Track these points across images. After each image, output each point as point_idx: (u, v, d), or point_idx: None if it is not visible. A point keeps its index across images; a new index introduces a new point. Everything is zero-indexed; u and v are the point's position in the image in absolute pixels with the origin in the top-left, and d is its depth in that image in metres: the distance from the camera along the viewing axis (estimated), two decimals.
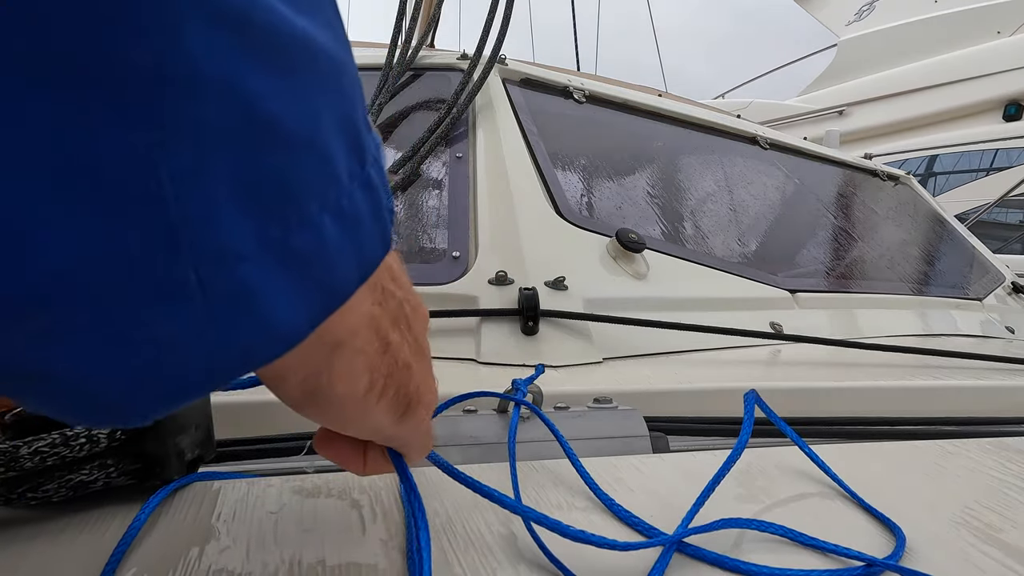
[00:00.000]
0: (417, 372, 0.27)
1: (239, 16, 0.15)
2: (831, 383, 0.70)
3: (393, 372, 0.25)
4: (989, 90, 6.06)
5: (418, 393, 0.27)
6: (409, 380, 0.26)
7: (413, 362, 0.26)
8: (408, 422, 0.27)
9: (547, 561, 0.32)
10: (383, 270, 0.24)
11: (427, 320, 0.29)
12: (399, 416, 0.26)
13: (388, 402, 0.25)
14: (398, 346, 0.25)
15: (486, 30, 1.11)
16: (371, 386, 0.24)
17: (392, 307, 0.25)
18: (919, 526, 0.38)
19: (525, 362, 0.71)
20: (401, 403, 0.26)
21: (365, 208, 0.20)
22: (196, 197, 0.15)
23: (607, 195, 1.09)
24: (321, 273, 0.18)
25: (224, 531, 0.34)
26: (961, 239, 1.63)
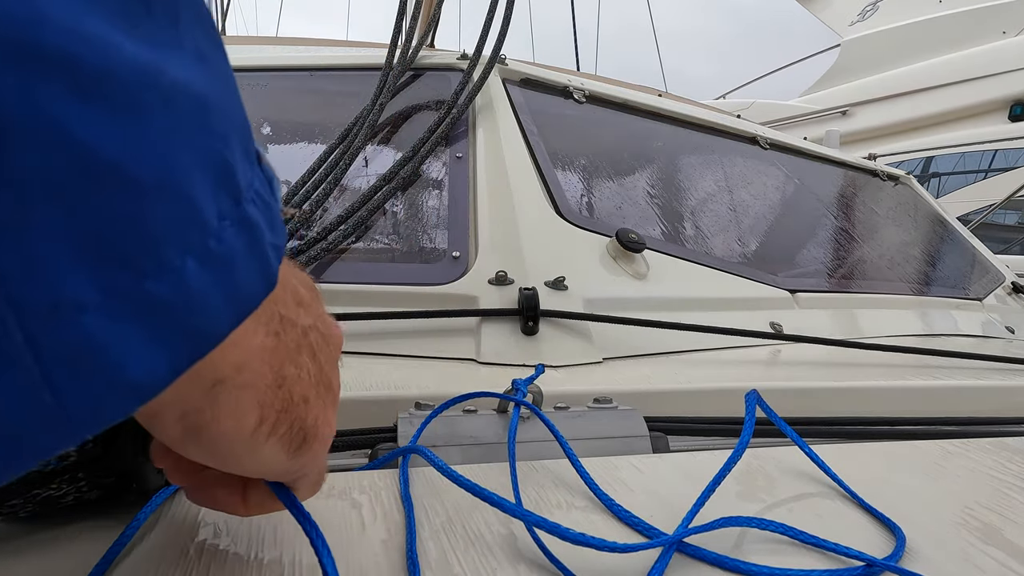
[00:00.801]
0: (315, 405, 0.26)
1: (64, 57, 0.14)
2: (831, 383, 0.70)
3: (288, 407, 0.24)
4: (994, 90, 6.05)
5: (315, 427, 0.26)
6: (306, 414, 0.25)
7: (312, 395, 0.25)
8: (301, 458, 0.26)
9: (547, 561, 0.32)
10: (283, 299, 0.23)
11: (339, 347, 0.28)
12: (292, 452, 0.25)
13: (280, 439, 0.24)
14: (295, 379, 0.24)
15: (485, 30, 1.11)
16: (261, 422, 0.23)
17: (292, 337, 0.24)
18: (919, 526, 0.38)
19: (525, 362, 0.71)
20: (295, 439, 0.25)
21: (240, 247, 0.19)
22: (13, 250, 0.14)
23: (607, 195, 1.09)
24: (184, 318, 0.17)
25: (224, 531, 0.34)
26: (961, 239, 1.63)
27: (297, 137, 1.07)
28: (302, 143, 1.05)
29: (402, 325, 0.75)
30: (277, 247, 0.21)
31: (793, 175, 1.45)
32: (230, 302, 0.19)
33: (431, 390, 0.57)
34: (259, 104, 1.12)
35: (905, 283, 1.30)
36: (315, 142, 1.03)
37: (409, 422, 0.49)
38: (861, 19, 8.10)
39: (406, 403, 0.53)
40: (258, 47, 1.30)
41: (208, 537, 0.34)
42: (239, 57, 1.20)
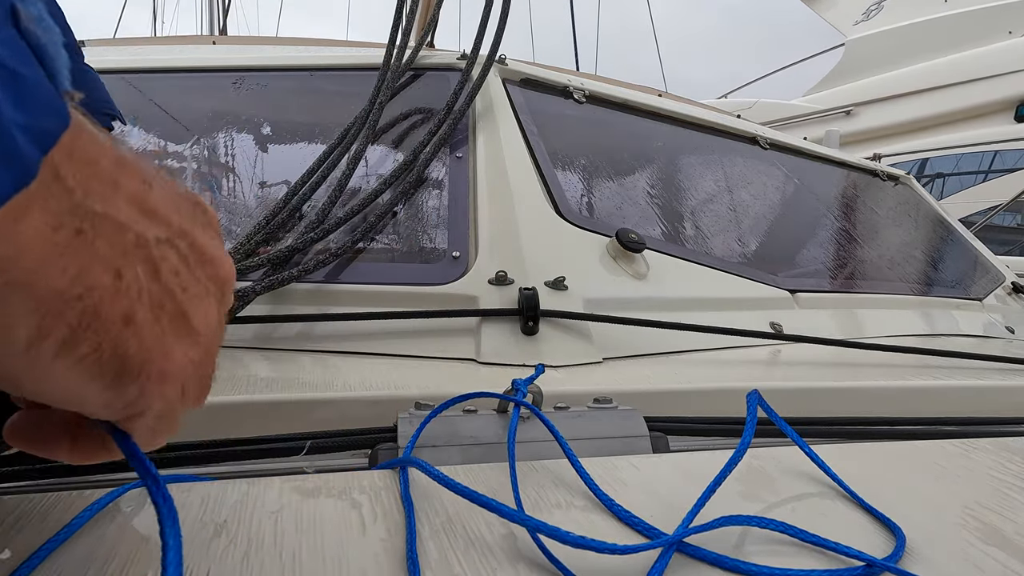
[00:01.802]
0: (147, 332, 0.22)
1: None
2: (831, 383, 0.70)
3: (93, 324, 0.20)
4: (1000, 91, 6.03)
5: (144, 359, 0.22)
6: (127, 339, 0.21)
7: (142, 317, 0.21)
8: (123, 391, 0.22)
9: (547, 561, 0.32)
10: (101, 193, 0.20)
11: (219, 281, 0.25)
12: (106, 382, 0.21)
13: (80, 361, 0.20)
14: (110, 292, 0.20)
15: (482, 29, 1.11)
16: (41, 334, 0.19)
17: (113, 241, 0.20)
18: (919, 526, 0.38)
19: (525, 362, 0.71)
20: (107, 366, 0.21)
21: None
22: None
23: (607, 195, 1.09)
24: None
25: (223, 531, 0.34)
26: (961, 239, 1.63)
27: (297, 137, 1.07)
28: (302, 143, 1.05)
29: (402, 325, 0.75)
30: (30, 130, 0.17)
31: (793, 175, 1.45)
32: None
33: (431, 390, 0.57)
34: (259, 104, 1.12)
35: (905, 283, 1.30)
36: (315, 142, 1.03)
37: (409, 422, 0.49)
38: (865, 18, 8.08)
39: (406, 403, 0.53)
40: (258, 47, 1.30)
41: (208, 537, 0.34)
42: (239, 57, 1.20)
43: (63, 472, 0.43)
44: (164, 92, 1.13)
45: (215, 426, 0.52)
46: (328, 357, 0.71)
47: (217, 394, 0.55)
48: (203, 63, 1.18)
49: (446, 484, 0.36)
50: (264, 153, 1.05)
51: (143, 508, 0.36)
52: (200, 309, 0.24)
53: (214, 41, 1.44)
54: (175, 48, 1.30)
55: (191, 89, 1.14)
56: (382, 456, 0.47)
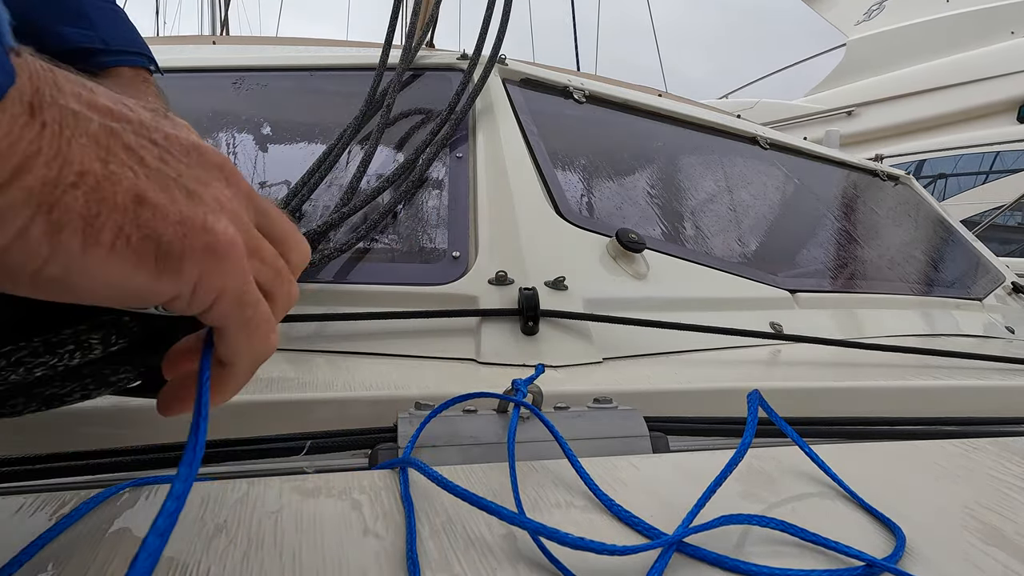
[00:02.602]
0: (172, 207, 0.22)
1: None
2: (831, 383, 0.70)
3: (103, 208, 0.20)
4: (1002, 91, 6.02)
5: (179, 232, 0.22)
6: (147, 217, 0.22)
7: (153, 195, 0.22)
8: (184, 272, 0.23)
9: (547, 561, 0.32)
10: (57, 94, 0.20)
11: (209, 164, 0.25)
12: (155, 265, 0.22)
13: (115, 251, 0.21)
14: (104, 176, 0.21)
15: (484, 30, 1.11)
16: (56, 228, 0.20)
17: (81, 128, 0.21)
18: (919, 526, 0.38)
19: (525, 362, 0.71)
20: (146, 250, 0.22)
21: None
22: None
23: (607, 195, 1.09)
24: None
25: (223, 531, 0.34)
26: (961, 239, 1.63)
27: (297, 137, 1.07)
28: (302, 143, 1.05)
29: (402, 325, 0.75)
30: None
31: (793, 175, 1.45)
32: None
33: (431, 390, 0.57)
34: (259, 104, 1.12)
35: (905, 283, 1.30)
36: (315, 142, 1.03)
37: (409, 422, 0.49)
38: (867, 18, 8.07)
39: (406, 403, 0.53)
40: (258, 47, 1.30)
41: (208, 537, 0.34)
42: (239, 57, 1.20)
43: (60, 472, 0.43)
44: (164, 92, 1.12)
45: (215, 426, 0.51)
46: (328, 357, 0.71)
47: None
48: (203, 63, 1.18)
49: (445, 486, 0.36)
50: (264, 153, 1.05)
51: (135, 507, 0.36)
52: (210, 192, 0.24)
53: (214, 41, 1.43)
54: (175, 48, 1.30)
55: (191, 89, 1.14)
56: (382, 456, 0.47)
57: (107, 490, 0.38)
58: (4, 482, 0.42)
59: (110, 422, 0.50)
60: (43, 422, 0.49)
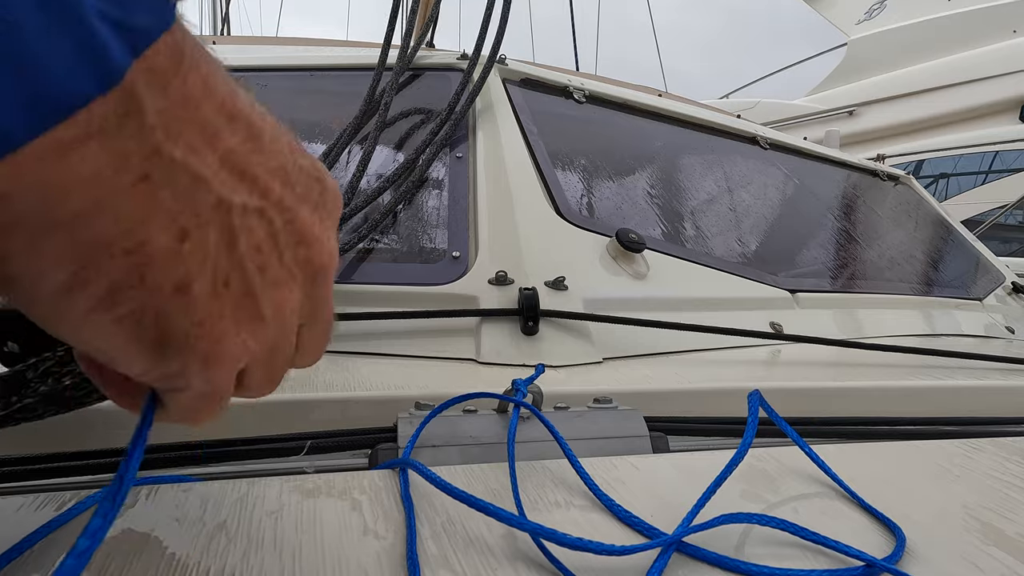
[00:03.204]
0: (205, 307, 0.19)
1: None
2: (831, 383, 0.70)
3: (138, 285, 0.17)
4: (1004, 90, 6.00)
5: (192, 334, 0.19)
6: (173, 309, 0.18)
7: (200, 289, 0.19)
8: (167, 364, 0.19)
9: (547, 561, 0.32)
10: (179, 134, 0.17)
11: (309, 265, 0.22)
12: (147, 349, 0.19)
13: (119, 322, 0.18)
14: (168, 255, 0.17)
15: (483, 30, 1.11)
16: (75, 285, 0.17)
17: (191, 197, 0.17)
18: (919, 526, 0.38)
19: (525, 362, 0.71)
20: (148, 334, 0.18)
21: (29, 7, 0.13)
22: None
23: (607, 195, 1.09)
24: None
25: (223, 531, 0.34)
26: (961, 239, 1.62)
27: (297, 137, 1.07)
28: (302, 143, 1.05)
29: (402, 325, 0.75)
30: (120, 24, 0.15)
31: (793, 175, 1.45)
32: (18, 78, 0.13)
33: (431, 390, 0.57)
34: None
35: (905, 283, 1.30)
36: (315, 142, 1.03)
37: (409, 422, 0.49)
38: (868, 18, 8.05)
39: (406, 403, 0.53)
40: (258, 47, 1.30)
41: (208, 537, 0.34)
42: (239, 57, 1.20)
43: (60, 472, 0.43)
44: None
45: (215, 426, 0.51)
46: (328, 357, 0.71)
47: None
48: None
49: (444, 488, 0.36)
50: None
51: (134, 506, 0.36)
52: (275, 295, 0.21)
53: (214, 42, 1.43)
54: None
55: None
56: (382, 456, 0.47)
57: (102, 490, 0.37)
58: (4, 482, 0.42)
59: (110, 422, 0.50)
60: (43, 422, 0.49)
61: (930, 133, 6.34)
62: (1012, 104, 5.98)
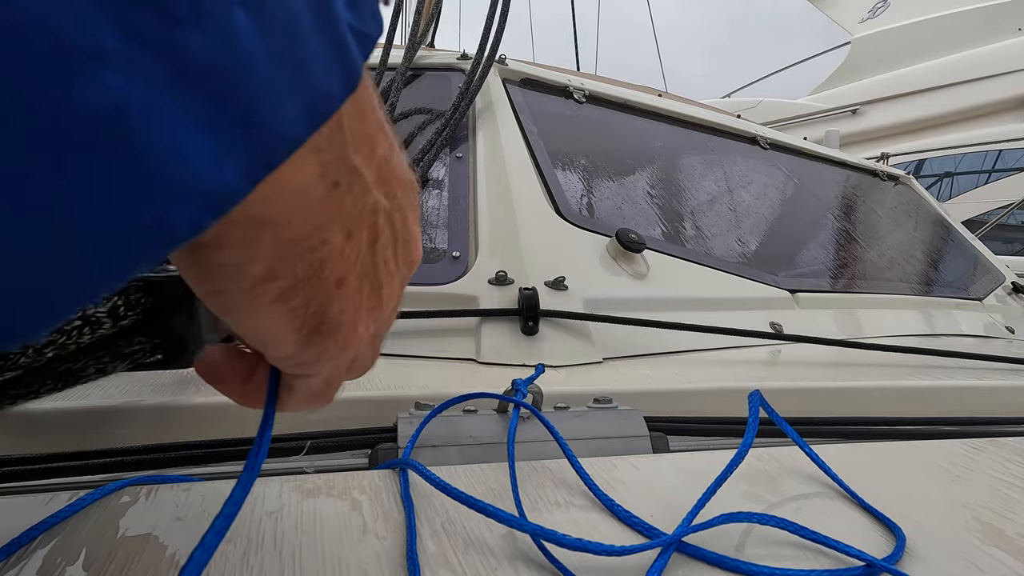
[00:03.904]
0: (350, 296, 0.21)
1: None
2: (831, 383, 0.70)
3: (313, 279, 0.20)
4: (1009, 89, 5.99)
5: (338, 321, 0.22)
6: (333, 299, 0.21)
7: (351, 281, 0.21)
8: (311, 349, 0.22)
9: (546, 561, 0.32)
10: (361, 147, 0.19)
11: (410, 261, 0.24)
12: (302, 336, 0.21)
13: (290, 311, 0.20)
14: (336, 251, 0.20)
15: (486, 30, 1.11)
16: (269, 277, 0.19)
17: (356, 199, 0.19)
18: (919, 526, 0.38)
19: (525, 362, 0.71)
20: (309, 321, 0.21)
21: (302, 8, 0.15)
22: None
23: (607, 195, 1.09)
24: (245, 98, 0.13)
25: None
26: (961, 239, 1.62)
27: None
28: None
29: (402, 325, 0.75)
30: (362, 36, 0.17)
31: (793, 175, 1.45)
32: (297, 93, 0.15)
33: (431, 390, 0.57)
34: None
35: (905, 283, 1.30)
36: None
37: (409, 422, 0.49)
38: (872, 16, 8.04)
39: (406, 403, 0.53)
40: None
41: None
42: None
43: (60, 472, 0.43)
44: None
45: (215, 426, 0.52)
46: None
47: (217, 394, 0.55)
48: None
49: (444, 489, 0.36)
50: None
51: (134, 505, 0.36)
52: (390, 288, 0.24)
53: None
54: None
55: None
56: (382, 456, 0.47)
57: (101, 488, 0.38)
58: (4, 482, 0.42)
59: (110, 422, 0.50)
60: (43, 422, 0.49)
61: (934, 132, 6.32)
62: (1017, 102, 5.97)
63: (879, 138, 6.54)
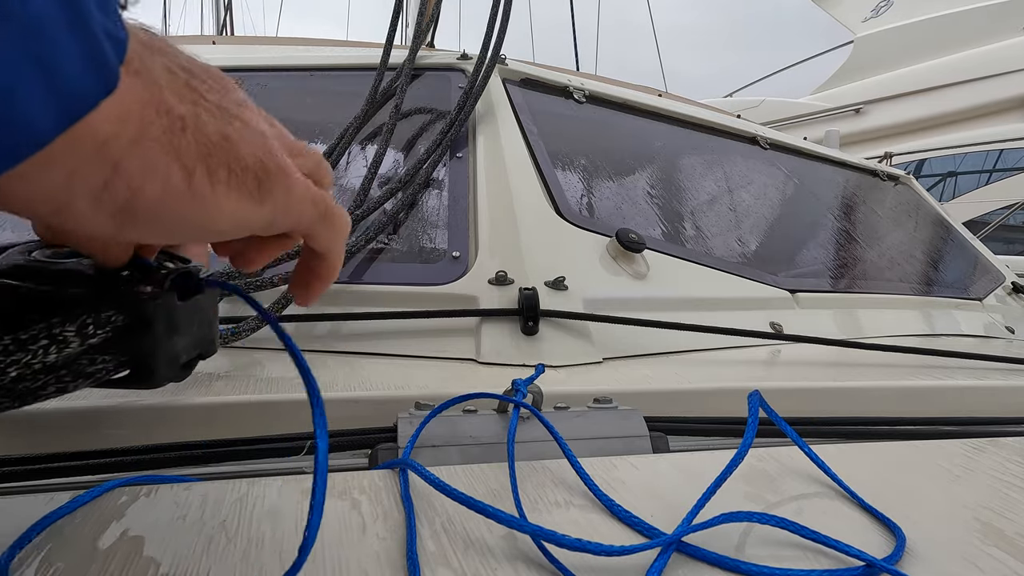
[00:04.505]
0: (244, 141, 0.23)
1: None
2: (831, 383, 0.70)
3: (211, 149, 0.22)
4: (1012, 88, 5.97)
5: (260, 161, 0.24)
6: (238, 152, 0.23)
7: (232, 132, 0.23)
8: (274, 198, 0.24)
9: (546, 561, 0.32)
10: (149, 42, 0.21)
11: (222, 82, 0.26)
12: (259, 196, 0.24)
13: (230, 185, 0.22)
14: (196, 118, 0.22)
15: (489, 30, 1.11)
16: (190, 172, 0.21)
17: (171, 75, 0.22)
18: (919, 526, 0.38)
19: (525, 362, 0.71)
20: (247, 180, 0.23)
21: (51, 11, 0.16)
22: None
23: (607, 195, 1.09)
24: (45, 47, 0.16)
25: (223, 531, 0.34)
26: (961, 239, 1.62)
27: (297, 137, 1.07)
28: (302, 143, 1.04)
29: (402, 325, 0.75)
30: (111, 37, 0.18)
31: (793, 175, 1.45)
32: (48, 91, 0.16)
33: (431, 390, 0.57)
34: (259, 104, 1.12)
35: (905, 283, 1.30)
36: (315, 142, 1.03)
37: (409, 422, 0.49)
38: (875, 15, 8.01)
39: (406, 403, 0.53)
40: (257, 47, 1.30)
41: (208, 537, 0.34)
42: (239, 57, 1.20)
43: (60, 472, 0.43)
44: None
45: (215, 426, 0.52)
46: (328, 357, 0.71)
47: (217, 394, 0.55)
48: None
49: (443, 490, 0.36)
50: None
51: (133, 503, 0.36)
52: (256, 121, 0.25)
53: (214, 41, 1.43)
54: None
55: None
56: (382, 456, 0.47)
57: (99, 487, 0.38)
58: (4, 482, 0.42)
59: (110, 422, 0.50)
60: (42, 422, 0.49)
61: (938, 131, 6.30)
62: (1020, 102, 5.95)
63: (883, 137, 6.53)
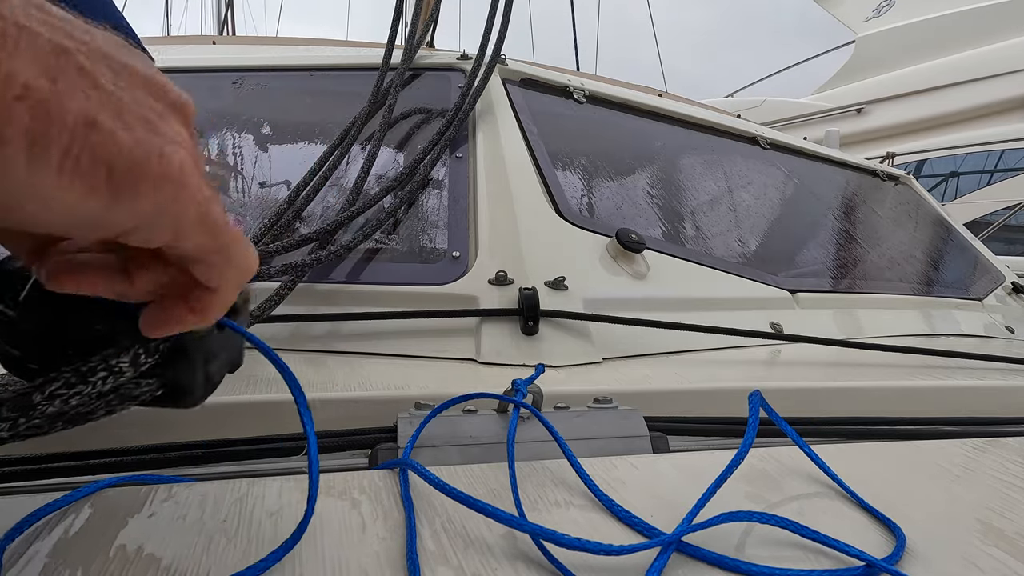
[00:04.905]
0: (125, 137, 0.22)
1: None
2: (831, 383, 0.70)
3: (49, 126, 0.20)
4: (1014, 88, 5.96)
5: (131, 158, 0.22)
6: (101, 143, 0.21)
7: (107, 122, 0.21)
8: (131, 200, 0.22)
9: (546, 560, 0.32)
10: None
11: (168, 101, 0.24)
12: (107, 197, 0.21)
13: (63, 172, 0.20)
14: (52, 94, 0.20)
15: (487, 30, 1.11)
16: (6, 142, 0.19)
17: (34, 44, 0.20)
18: (919, 526, 0.38)
19: (525, 362, 0.71)
20: (95, 174, 0.21)
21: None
22: None
23: (607, 195, 1.09)
24: None
25: (223, 531, 0.34)
26: (961, 239, 1.63)
27: (297, 137, 1.07)
28: (302, 143, 1.05)
29: (402, 325, 0.75)
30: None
31: (793, 175, 1.45)
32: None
33: (431, 390, 0.57)
34: (259, 104, 1.12)
35: (905, 283, 1.30)
36: (315, 142, 1.03)
37: (409, 422, 0.49)
38: (877, 15, 8.00)
39: (406, 403, 0.53)
40: (258, 47, 1.30)
41: (209, 537, 0.34)
42: (239, 57, 1.20)
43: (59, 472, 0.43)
44: None
45: (215, 426, 0.52)
46: (328, 357, 0.71)
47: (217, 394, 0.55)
48: (203, 63, 1.18)
49: (443, 490, 0.36)
50: (263, 153, 1.05)
51: (133, 503, 0.37)
52: (166, 125, 0.24)
53: (214, 41, 1.44)
54: (175, 48, 1.30)
55: (190, 89, 1.13)
56: (382, 456, 0.47)
57: (96, 483, 0.38)
58: (4, 482, 0.42)
59: (110, 422, 0.50)
60: None
61: (940, 131, 6.29)
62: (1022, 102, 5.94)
63: (884, 137, 6.52)
